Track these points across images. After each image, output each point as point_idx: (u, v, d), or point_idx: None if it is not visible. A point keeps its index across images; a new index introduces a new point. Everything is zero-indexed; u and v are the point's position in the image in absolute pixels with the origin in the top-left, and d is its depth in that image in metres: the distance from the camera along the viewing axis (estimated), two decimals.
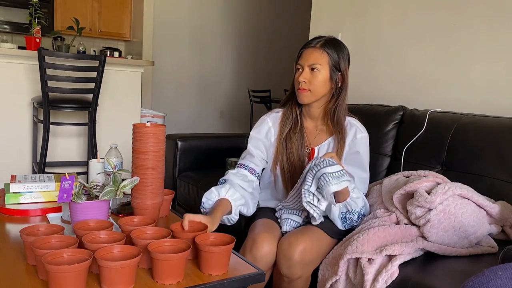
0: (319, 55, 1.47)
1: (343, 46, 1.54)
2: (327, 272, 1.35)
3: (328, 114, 1.55)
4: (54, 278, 0.91)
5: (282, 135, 1.57)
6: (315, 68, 1.47)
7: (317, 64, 1.47)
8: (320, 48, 1.48)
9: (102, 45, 5.74)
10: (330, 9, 2.77)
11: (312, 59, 1.48)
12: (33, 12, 3.00)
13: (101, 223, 1.20)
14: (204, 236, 1.14)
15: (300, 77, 1.48)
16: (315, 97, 1.51)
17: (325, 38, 1.52)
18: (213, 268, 1.07)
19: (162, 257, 0.99)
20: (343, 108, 1.54)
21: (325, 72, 1.48)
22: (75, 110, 2.75)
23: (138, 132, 1.30)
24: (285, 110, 1.61)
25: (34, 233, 1.13)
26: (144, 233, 1.14)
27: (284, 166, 1.56)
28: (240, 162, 1.59)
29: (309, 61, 1.48)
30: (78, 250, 1.00)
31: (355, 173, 1.53)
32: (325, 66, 1.47)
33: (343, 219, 1.44)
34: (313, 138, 1.59)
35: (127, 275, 0.95)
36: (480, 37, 1.98)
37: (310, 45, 1.50)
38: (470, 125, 1.70)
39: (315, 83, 1.48)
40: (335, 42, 1.52)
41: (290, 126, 1.57)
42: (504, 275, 0.69)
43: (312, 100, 1.52)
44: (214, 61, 6.17)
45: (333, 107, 1.53)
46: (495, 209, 1.39)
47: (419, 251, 1.30)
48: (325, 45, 1.49)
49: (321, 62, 1.47)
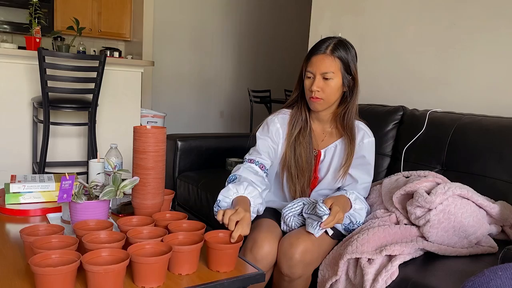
0: (331, 63, 1.43)
1: (350, 46, 1.49)
2: (327, 272, 1.35)
3: (338, 117, 1.53)
4: (40, 280, 0.90)
5: (291, 138, 1.54)
6: (328, 77, 1.43)
7: (330, 73, 1.42)
8: (331, 55, 1.43)
9: (102, 45, 5.74)
10: (330, 9, 2.77)
11: (324, 67, 1.43)
12: (33, 12, 3.00)
13: (101, 223, 1.20)
14: (213, 233, 1.16)
15: (313, 86, 1.44)
16: (328, 104, 1.49)
17: (333, 42, 1.45)
18: (222, 265, 1.09)
19: (142, 260, 0.98)
20: (354, 112, 1.52)
21: (337, 80, 1.44)
22: (75, 110, 2.75)
23: (138, 132, 1.31)
24: (294, 112, 1.58)
25: (34, 233, 1.13)
26: (140, 233, 1.15)
27: (291, 168, 1.54)
28: (250, 158, 1.55)
29: (321, 69, 1.43)
30: (68, 252, 0.99)
31: (360, 177, 1.54)
32: (337, 73, 1.44)
33: (346, 230, 1.46)
34: (321, 141, 1.58)
35: (112, 280, 0.93)
36: (480, 37, 1.99)
37: (320, 51, 1.44)
38: (470, 125, 1.70)
39: (328, 91, 1.44)
40: (344, 44, 1.47)
41: (299, 128, 1.55)
42: (504, 275, 0.69)
43: (326, 108, 1.50)
44: (214, 61, 6.17)
45: (343, 111, 1.51)
46: (495, 209, 1.39)
47: (419, 251, 1.30)
48: (335, 50, 1.44)
49: (334, 69, 1.43)
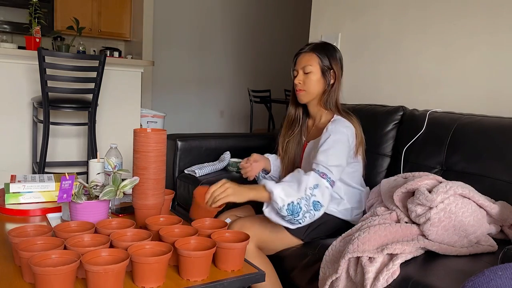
0: (309, 57, 1.62)
1: (332, 46, 1.67)
2: (328, 270, 1.36)
3: (324, 108, 1.68)
4: (40, 280, 0.90)
5: (286, 135, 1.78)
6: (307, 69, 1.61)
7: (308, 66, 1.61)
8: (309, 51, 1.63)
9: (102, 45, 5.74)
10: (330, 9, 2.77)
11: (304, 61, 1.63)
12: (33, 12, 3.01)
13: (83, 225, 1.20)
14: (219, 233, 1.18)
15: (296, 80, 1.65)
16: (311, 95, 1.64)
17: (315, 43, 1.67)
18: (229, 264, 1.10)
19: (142, 260, 0.98)
20: (334, 100, 1.64)
21: (317, 72, 1.62)
22: (75, 110, 2.75)
23: (138, 134, 1.31)
24: (290, 111, 1.77)
25: (22, 234, 1.12)
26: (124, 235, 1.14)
27: (284, 159, 1.79)
28: None
29: (301, 64, 1.63)
30: (66, 252, 0.99)
31: (315, 158, 1.48)
32: (315, 66, 1.61)
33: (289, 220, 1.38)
34: (309, 134, 1.75)
35: (112, 280, 0.93)
36: (480, 37, 1.98)
37: (301, 51, 1.66)
38: (470, 125, 1.70)
39: (308, 82, 1.62)
40: (324, 44, 1.66)
41: (293, 125, 1.76)
42: (504, 275, 0.69)
43: (310, 98, 1.65)
44: (214, 61, 6.17)
45: (325, 101, 1.66)
46: (495, 209, 1.39)
47: (420, 250, 1.30)
48: (314, 48, 1.63)
49: (312, 63, 1.61)
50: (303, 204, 1.34)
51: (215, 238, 1.13)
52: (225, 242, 1.12)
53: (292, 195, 1.33)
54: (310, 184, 1.36)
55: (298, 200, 1.33)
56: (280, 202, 1.32)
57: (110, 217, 1.40)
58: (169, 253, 1.01)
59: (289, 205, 1.32)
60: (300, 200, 1.33)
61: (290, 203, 1.32)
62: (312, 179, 1.37)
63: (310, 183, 1.36)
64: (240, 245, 1.11)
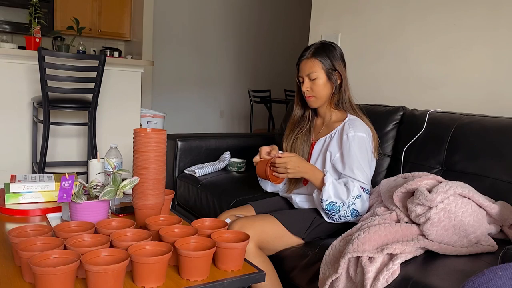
0: (312, 63, 1.64)
1: (333, 46, 1.67)
2: (328, 270, 1.36)
3: (334, 108, 1.70)
4: (40, 280, 0.90)
5: (291, 134, 1.78)
6: (313, 76, 1.64)
7: (313, 72, 1.63)
8: (311, 57, 1.64)
9: (102, 45, 5.74)
10: (330, 9, 2.77)
11: (308, 68, 1.64)
12: (33, 12, 3.01)
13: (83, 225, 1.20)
14: (219, 233, 1.19)
15: (303, 88, 1.67)
16: (322, 99, 1.67)
17: (315, 46, 1.66)
18: (229, 264, 1.10)
19: (142, 260, 0.97)
20: (347, 99, 1.69)
21: (322, 76, 1.64)
22: (75, 110, 2.75)
23: (139, 133, 1.31)
24: (296, 112, 1.79)
25: (22, 234, 1.12)
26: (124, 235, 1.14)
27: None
28: None
29: (306, 72, 1.65)
30: (66, 252, 0.99)
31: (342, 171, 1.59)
32: (320, 71, 1.63)
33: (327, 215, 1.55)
34: (318, 133, 1.75)
35: (112, 280, 0.93)
36: (480, 37, 1.99)
37: (303, 57, 1.67)
38: (470, 125, 1.70)
39: (316, 89, 1.65)
40: (324, 46, 1.66)
41: (300, 124, 1.78)
42: (504, 275, 0.69)
43: (320, 103, 1.69)
44: (214, 61, 6.17)
45: (336, 101, 1.69)
46: (495, 209, 1.39)
47: (420, 250, 1.30)
48: (315, 53, 1.64)
49: (315, 69, 1.63)
50: (343, 209, 1.51)
51: (215, 238, 1.13)
52: (225, 242, 1.12)
53: (338, 198, 1.50)
54: (354, 194, 1.51)
55: (341, 203, 1.50)
56: (325, 196, 1.50)
57: (110, 217, 1.40)
58: (169, 253, 1.01)
59: (331, 203, 1.50)
60: (342, 205, 1.50)
61: (334, 203, 1.50)
62: (357, 190, 1.52)
63: (355, 193, 1.51)
64: (240, 245, 1.11)
